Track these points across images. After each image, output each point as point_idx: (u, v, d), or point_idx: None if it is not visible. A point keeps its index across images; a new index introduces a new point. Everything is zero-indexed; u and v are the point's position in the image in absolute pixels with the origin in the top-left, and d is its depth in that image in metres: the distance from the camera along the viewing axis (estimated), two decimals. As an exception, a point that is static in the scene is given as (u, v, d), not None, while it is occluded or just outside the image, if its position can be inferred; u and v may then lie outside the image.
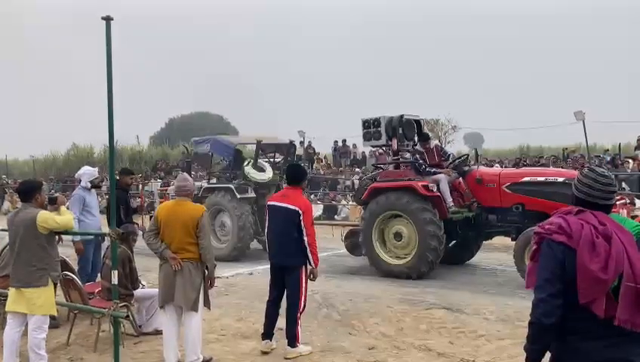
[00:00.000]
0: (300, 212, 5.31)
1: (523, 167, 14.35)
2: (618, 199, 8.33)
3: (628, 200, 9.89)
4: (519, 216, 8.70)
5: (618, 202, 7.83)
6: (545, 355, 2.61)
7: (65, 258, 6.53)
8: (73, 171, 8.10)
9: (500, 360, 5.24)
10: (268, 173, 11.50)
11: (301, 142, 23.71)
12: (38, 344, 4.99)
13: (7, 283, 5.41)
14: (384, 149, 13.24)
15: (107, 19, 4.66)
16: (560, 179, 8.35)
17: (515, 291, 7.74)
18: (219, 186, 11.56)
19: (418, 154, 9.80)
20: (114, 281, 4.89)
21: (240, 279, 9.21)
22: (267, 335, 5.59)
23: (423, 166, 9.41)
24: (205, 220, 5.05)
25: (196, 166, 19.86)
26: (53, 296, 5.17)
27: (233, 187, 11.11)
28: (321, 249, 11.90)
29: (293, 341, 5.46)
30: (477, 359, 5.28)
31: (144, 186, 18.67)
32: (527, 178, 8.76)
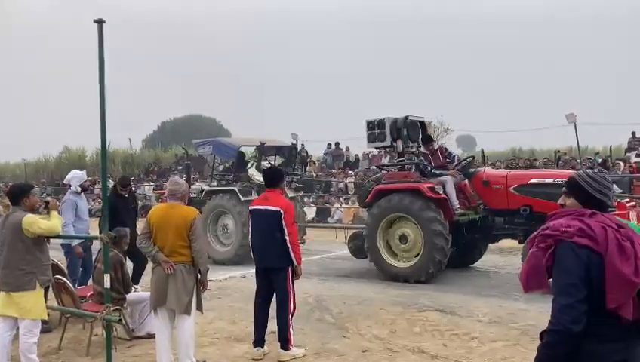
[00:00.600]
0: (282, 212, 5.35)
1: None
2: (627, 201, 8.28)
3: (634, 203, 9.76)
4: (527, 219, 8.55)
5: (628, 204, 7.78)
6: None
7: (57, 262, 6.50)
8: (65, 174, 8.08)
9: (494, 362, 5.26)
10: None
11: (294, 144, 23.70)
12: (29, 348, 4.96)
13: None
14: (382, 151, 13.21)
15: (99, 21, 4.63)
16: None
17: (509, 293, 7.74)
18: (222, 189, 11.43)
19: (423, 155, 9.69)
20: (106, 285, 4.86)
21: (233, 282, 9.18)
22: (258, 342, 5.55)
23: (429, 167, 9.31)
24: (198, 223, 5.03)
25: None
26: (42, 300, 5.14)
27: (237, 189, 10.96)
28: (314, 251, 12.11)
29: (285, 343, 5.45)
30: (470, 361, 5.28)
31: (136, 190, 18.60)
32: (534, 180, 8.65)
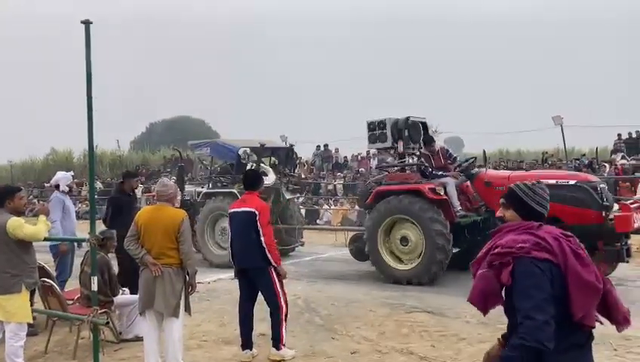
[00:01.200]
0: (257, 213, 5.37)
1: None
2: (632, 203, 8.16)
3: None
4: None
5: (633, 205, 7.73)
6: None
7: (43, 264, 6.44)
8: (52, 176, 8.07)
9: (481, 363, 5.27)
10: (271, 178, 11.28)
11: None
12: (15, 352, 4.91)
13: None
14: (370, 153, 13.18)
15: (86, 22, 4.62)
16: (571, 182, 7.96)
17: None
18: (220, 191, 11.33)
19: (424, 157, 9.64)
20: (93, 288, 4.83)
21: (222, 284, 9.14)
22: (246, 345, 5.54)
23: (430, 169, 9.28)
24: (186, 225, 5.01)
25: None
26: (28, 303, 5.09)
27: (236, 191, 10.80)
28: (304, 253, 12.10)
29: (277, 343, 5.46)
30: (458, 362, 5.31)
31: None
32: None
